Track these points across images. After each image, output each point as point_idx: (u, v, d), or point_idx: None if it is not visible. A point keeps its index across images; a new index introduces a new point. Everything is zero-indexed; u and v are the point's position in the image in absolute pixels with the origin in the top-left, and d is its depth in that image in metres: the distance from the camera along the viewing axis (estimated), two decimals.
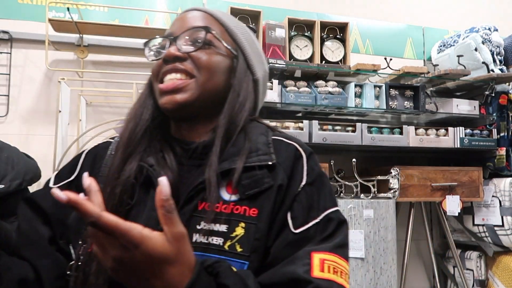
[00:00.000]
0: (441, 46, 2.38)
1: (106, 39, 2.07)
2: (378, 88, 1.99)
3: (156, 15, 2.17)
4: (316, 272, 0.53)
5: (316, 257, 0.54)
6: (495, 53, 2.17)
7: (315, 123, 1.81)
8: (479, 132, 2.05)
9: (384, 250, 1.74)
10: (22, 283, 0.58)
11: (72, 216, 0.63)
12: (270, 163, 0.60)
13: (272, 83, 1.79)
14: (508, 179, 2.00)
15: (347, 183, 1.92)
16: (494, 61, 2.17)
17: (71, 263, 0.60)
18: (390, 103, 1.98)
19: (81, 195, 0.43)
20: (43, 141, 1.99)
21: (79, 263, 0.57)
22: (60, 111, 1.78)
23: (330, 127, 1.85)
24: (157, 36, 0.68)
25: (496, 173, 2.10)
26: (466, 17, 2.70)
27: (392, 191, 1.90)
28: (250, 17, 1.84)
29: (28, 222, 0.64)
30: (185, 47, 0.63)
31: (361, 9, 2.52)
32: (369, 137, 1.88)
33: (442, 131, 2.00)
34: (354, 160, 1.85)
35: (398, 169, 1.89)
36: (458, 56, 2.13)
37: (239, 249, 0.56)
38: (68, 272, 0.60)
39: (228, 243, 0.56)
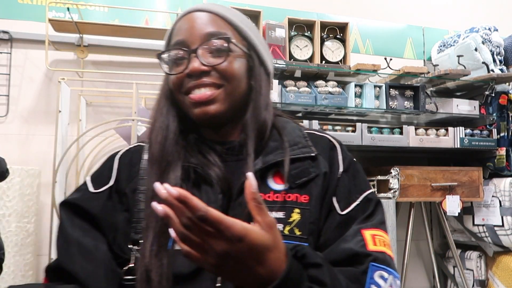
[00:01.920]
0: (441, 46, 2.38)
1: (106, 39, 2.07)
2: (378, 88, 1.99)
3: (156, 15, 2.17)
4: (371, 246, 0.59)
5: (367, 234, 0.60)
6: (495, 53, 2.17)
7: (315, 123, 1.81)
8: (479, 132, 2.05)
9: None
10: None
11: (121, 220, 0.64)
12: (312, 154, 0.65)
13: (272, 83, 1.79)
14: (508, 179, 2.00)
15: None
16: (494, 61, 2.17)
17: (126, 267, 0.61)
18: (390, 103, 1.98)
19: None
20: (43, 141, 1.99)
21: (135, 267, 0.59)
22: (60, 111, 1.78)
23: (330, 127, 1.85)
24: (170, 49, 0.66)
25: (496, 173, 2.09)
26: (466, 17, 2.70)
27: (392, 191, 1.90)
28: (250, 17, 1.84)
29: (78, 229, 0.63)
30: (210, 59, 0.62)
31: (361, 9, 2.52)
32: (369, 137, 1.88)
33: (442, 131, 2.00)
34: (354, 160, 1.84)
35: (398, 169, 1.89)
36: (458, 56, 2.13)
37: (298, 233, 0.61)
38: (125, 277, 0.60)
39: (287, 228, 0.61)
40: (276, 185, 0.63)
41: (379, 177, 1.92)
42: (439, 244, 2.40)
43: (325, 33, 1.99)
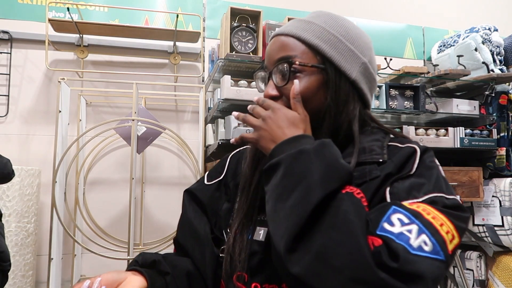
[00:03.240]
0: (441, 46, 2.38)
1: (106, 39, 2.07)
2: (378, 88, 1.99)
3: (156, 15, 2.17)
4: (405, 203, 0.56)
5: (406, 203, 0.56)
6: (495, 53, 2.17)
7: None
8: (479, 132, 2.05)
9: None
10: (189, 275, 0.71)
11: (223, 208, 0.77)
12: (380, 160, 0.63)
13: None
14: (508, 179, 2.00)
15: None
16: (494, 61, 2.17)
17: (222, 247, 0.72)
18: (390, 103, 1.98)
19: None
20: (43, 141, 1.99)
21: (228, 247, 0.70)
22: (60, 111, 1.78)
23: None
24: (260, 70, 0.75)
25: (496, 173, 2.09)
26: (466, 17, 2.70)
27: None
28: (250, 17, 1.84)
29: (193, 212, 0.78)
30: (278, 82, 0.69)
31: (361, 9, 2.52)
32: None
33: (442, 131, 2.00)
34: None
35: None
36: (458, 56, 2.13)
37: None
38: (221, 255, 0.72)
39: None
40: None
41: None
42: None
43: None
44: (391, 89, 2.01)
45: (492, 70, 2.12)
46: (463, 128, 2.00)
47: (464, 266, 2.17)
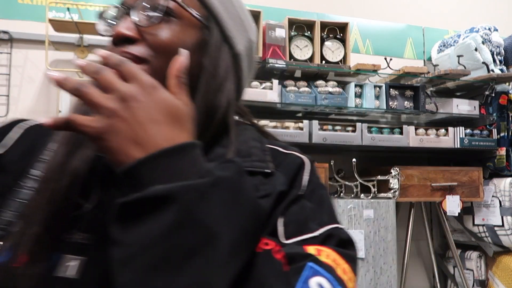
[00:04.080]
0: (441, 46, 2.38)
1: (106, 39, 2.07)
2: (378, 88, 1.98)
3: None
4: (312, 251, 0.43)
5: (311, 248, 0.44)
6: (495, 53, 2.17)
7: (315, 123, 1.81)
8: (479, 132, 2.05)
9: (384, 250, 1.74)
10: None
11: None
12: (267, 171, 0.48)
13: (272, 83, 1.79)
14: (508, 179, 2.00)
15: (347, 183, 1.92)
16: (494, 61, 2.17)
17: None
18: (390, 103, 1.98)
19: None
20: None
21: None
22: (60, 111, 1.78)
23: (330, 127, 1.85)
24: (111, 5, 0.52)
25: (496, 173, 2.10)
26: (466, 17, 2.70)
27: (392, 191, 1.90)
28: None
29: None
30: (141, 21, 0.48)
31: (361, 9, 2.52)
32: (369, 137, 1.88)
33: (442, 131, 2.00)
34: (354, 160, 1.84)
35: (398, 169, 1.89)
36: (458, 56, 2.13)
37: None
38: None
39: None
40: None
41: (379, 177, 1.91)
42: (439, 244, 2.40)
43: (325, 33, 1.99)
44: (391, 89, 2.01)
45: (492, 70, 2.12)
46: (463, 128, 2.00)
47: (464, 266, 2.17)
